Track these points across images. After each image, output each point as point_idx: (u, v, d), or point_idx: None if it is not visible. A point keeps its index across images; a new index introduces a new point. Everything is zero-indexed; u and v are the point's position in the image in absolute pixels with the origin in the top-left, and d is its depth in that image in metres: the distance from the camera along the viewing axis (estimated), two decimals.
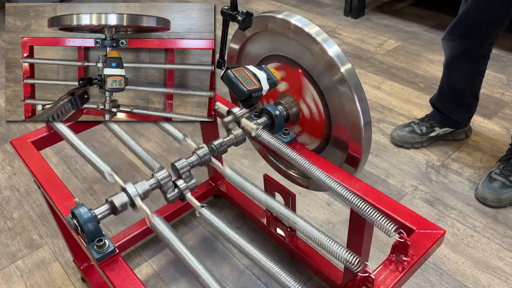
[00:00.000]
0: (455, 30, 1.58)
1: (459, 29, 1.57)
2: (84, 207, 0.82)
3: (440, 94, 1.80)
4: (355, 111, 0.98)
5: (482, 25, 1.51)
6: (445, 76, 1.73)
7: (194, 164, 0.95)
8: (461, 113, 1.79)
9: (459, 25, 1.56)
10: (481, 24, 1.51)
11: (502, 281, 1.36)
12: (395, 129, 1.90)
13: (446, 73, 1.72)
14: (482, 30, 1.53)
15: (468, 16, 1.52)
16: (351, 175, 0.98)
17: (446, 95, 1.77)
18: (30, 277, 1.46)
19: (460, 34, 1.57)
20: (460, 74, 1.68)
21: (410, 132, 1.85)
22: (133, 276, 0.80)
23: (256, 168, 1.82)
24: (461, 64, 1.65)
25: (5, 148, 2.03)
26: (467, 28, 1.54)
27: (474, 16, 1.50)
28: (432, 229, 0.84)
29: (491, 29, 1.53)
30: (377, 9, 3.11)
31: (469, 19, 1.52)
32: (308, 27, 1.01)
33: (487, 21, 1.50)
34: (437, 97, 1.82)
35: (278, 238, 1.42)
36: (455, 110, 1.78)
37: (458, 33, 1.57)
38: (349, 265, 0.74)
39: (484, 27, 1.52)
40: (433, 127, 1.83)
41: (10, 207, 1.72)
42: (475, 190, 1.64)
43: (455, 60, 1.65)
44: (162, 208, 1.53)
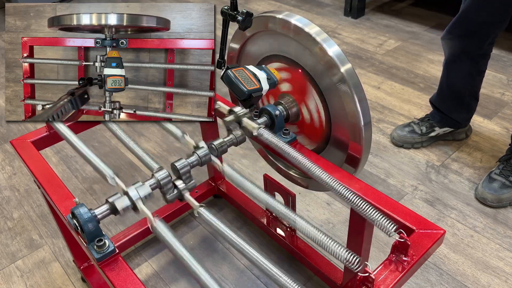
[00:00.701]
0: (455, 29, 1.58)
1: (458, 29, 1.57)
2: (84, 207, 0.82)
3: (439, 94, 1.80)
4: (355, 111, 0.98)
5: (481, 25, 1.51)
6: (445, 76, 1.73)
7: (194, 164, 0.95)
8: (461, 113, 1.79)
9: (459, 24, 1.56)
10: (481, 24, 1.51)
11: (502, 281, 1.36)
12: (395, 129, 1.90)
13: (445, 73, 1.72)
14: (481, 29, 1.53)
15: (467, 16, 1.52)
16: (351, 175, 0.98)
17: (445, 95, 1.77)
18: (30, 277, 1.46)
19: (459, 34, 1.57)
20: (459, 73, 1.68)
21: (410, 132, 1.84)
22: (133, 276, 0.80)
23: (256, 168, 1.82)
24: (461, 63, 1.65)
25: (5, 148, 2.03)
26: (466, 27, 1.54)
27: (473, 15, 1.50)
28: (432, 229, 0.84)
29: (491, 29, 1.52)
30: (377, 9, 3.11)
31: (469, 19, 1.52)
32: (308, 27, 1.01)
33: (487, 21, 1.50)
34: (437, 96, 1.82)
35: (278, 238, 1.42)
36: (454, 109, 1.78)
37: (458, 32, 1.57)
38: (349, 265, 0.73)
39: (483, 26, 1.51)
40: (433, 127, 1.83)
41: (10, 207, 1.72)
42: (475, 190, 1.64)
43: (454, 60, 1.65)
44: (162, 208, 1.53)
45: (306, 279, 1.40)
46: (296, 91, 1.12)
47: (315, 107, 1.10)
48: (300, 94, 1.11)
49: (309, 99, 1.10)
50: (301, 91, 1.11)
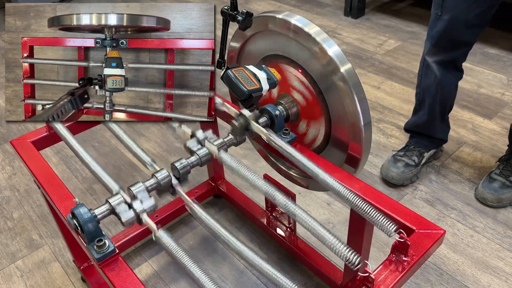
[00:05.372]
0: (435, 52, 1.52)
1: (437, 50, 1.51)
2: (84, 207, 0.82)
3: (429, 116, 1.68)
4: (355, 111, 0.98)
5: (457, 45, 1.47)
6: (435, 95, 1.62)
7: (194, 164, 0.95)
8: (445, 129, 1.74)
9: (436, 47, 1.50)
10: (456, 44, 1.47)
11: (502, 281, 1.36)
12: (386, 169, 1.71)
13: (436, 91, 1.61)
14: (458, 48, 1.49)
15: (442, 38, 1.47)
16: (351, 175, 0.98)
17: (435, 116, 1.67)
18: (30, 277, 1.46)
19: (440, 56, 1.52)
20: (449, 88, 1.61)
21: (405, 167, 1.69)
22: (133, 276, 0.80)
23: (256, 168, 1.82)
24: (451, 76, 1.58)
25: (5, 148, 2.03)
26: (445, 47, 1.49)
27: (448, 37, 1.45)
28: (432, 229, 0.84)
29: (466, 48, 1.49)
30: (377, 9, 3.11)
31: (446, 41, 1.47)
32: (308, 27, 1.01)
33: (460, 41, 1.46)
34: (425, 121, 1.70)
35: (278, 238, 1.42)
36: (440, 128, 1.71)
37: (440, 53, 1.52)
38: (348, 263, 0.74)
39: (459, 45, 1.48)
40: (422, 153, 1.72)
41: (10, 207, 1.72)
42: (475, 190, 1.64)
43: (446, 75, 1.57)
44: (162, 208, 1.53)
45: (306, 279, 1.40)
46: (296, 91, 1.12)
47: (315, 107, 1.10)
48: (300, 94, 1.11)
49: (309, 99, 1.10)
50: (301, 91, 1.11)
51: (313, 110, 1.11)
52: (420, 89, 1.67)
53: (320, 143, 1.15)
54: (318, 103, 1.08)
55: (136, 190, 0.86)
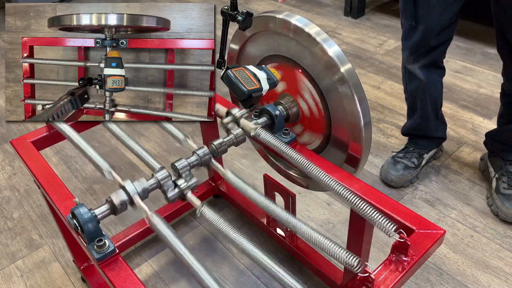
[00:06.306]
0: (415, 59, 1.52)
1: (417, 57, 1.51)
2: (84, 207, 0.82)
3: (423, 117, 1.68)
4: (355, 111, 0.98)
5: (436, 47, 1.47)
6: (423, 97, 1.62)
7: (194, 164, 0.95)
8: (442, 127, 1.73)
9: (416, 52, 1.50)
10: (435, 47, 1.47)
11: (502, 281, 1.36)
12: (385, 171, 1.71)
13: (424, 94, 1.61)
14: (437, 49, 1.49)
15: (420, 44, 1.47)
16: (351, 175, 0.98)
17: (429, 116, 1.66)
18: (30, 277, 1.46)
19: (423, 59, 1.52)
20: (435, 87, 1.61)
21: (405, 169, 1.68)
22: (133, 276, 0.80)
23: (256, 168, 1.82)
24: (436, 77, 1.59)
25: (5, 148, 2.03)
26: (424, 53, 1.49)
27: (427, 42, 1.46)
28: (432, 229, 0.84)
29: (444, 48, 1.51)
30: (377, 9, 3.11)
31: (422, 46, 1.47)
32: (308, 27, 1.01)
33: (438, 44, 1.46)
34: (420, 123, 1.69)
35: (278, 238, 1.42)
36: (436, 127, 1.70)
37: (420, 59, 1.52)
38: (349, 267, 0.74)
39: (438, 47, 1.48)
40: (421, 154, 1.72)
41: (10, 207, 1.72)
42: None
43: (430, 75, 1.57)
44: (162, 208, 1.53)
45: (306, 279, 1.40)
46: (296, 91, 1.12)
47: (315, 107, 1.10)
48: (300, 94, 1.11)
49: (309, 99, 1.10)
50: (301, 91, 1.11)
51: (313, 110, 1.11)
52: (408, 94, 1.68)
53: (320, 143, 1.15)
54: (318, 103, 1.08)
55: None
